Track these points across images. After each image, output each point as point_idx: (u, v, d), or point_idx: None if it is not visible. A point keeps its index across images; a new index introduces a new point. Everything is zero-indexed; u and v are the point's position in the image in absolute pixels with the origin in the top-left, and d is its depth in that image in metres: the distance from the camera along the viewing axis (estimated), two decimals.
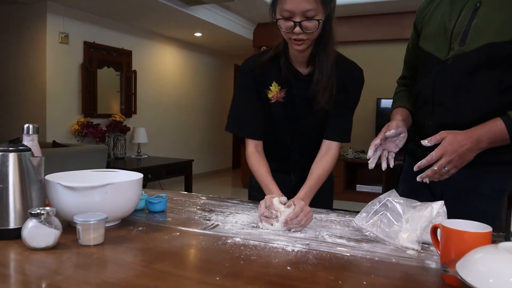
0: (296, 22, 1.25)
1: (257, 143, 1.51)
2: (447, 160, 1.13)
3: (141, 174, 1.28)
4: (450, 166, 1.14)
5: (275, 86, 1.45)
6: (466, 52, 1.22)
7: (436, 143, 1.16)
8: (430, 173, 1.16)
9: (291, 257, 0.95)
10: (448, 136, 1.14)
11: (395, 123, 1.27)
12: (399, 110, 1.43)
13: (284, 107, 1.46)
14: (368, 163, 1.28)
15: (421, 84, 1.38)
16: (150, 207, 1.37)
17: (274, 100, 1.46)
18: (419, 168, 1.17)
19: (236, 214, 1.34)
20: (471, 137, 1.14)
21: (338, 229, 1.19)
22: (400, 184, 1.51)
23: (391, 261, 0.93)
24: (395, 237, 1.05)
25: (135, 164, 5.19)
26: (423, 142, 1.17)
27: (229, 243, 1.04)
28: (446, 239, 0.80)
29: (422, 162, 1.15)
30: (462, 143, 1.14)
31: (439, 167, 1.14)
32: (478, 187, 1.27)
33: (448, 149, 1.13)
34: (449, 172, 1.15)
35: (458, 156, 1.13)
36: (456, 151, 1.13)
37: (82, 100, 5.15)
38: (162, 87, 6.64)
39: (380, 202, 1.11)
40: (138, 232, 1.13)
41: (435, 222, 1.02)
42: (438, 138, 1.15)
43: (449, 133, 1.15)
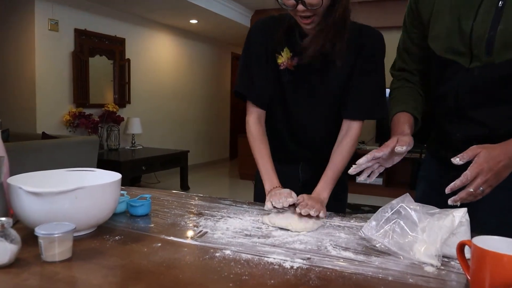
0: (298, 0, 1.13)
1: (260, 113, 1.38)
2: (483, 179, 0.98)
3: (119, 174, 1.13)
4: (485, 186, 1.00)
5: (286, 52, 1.31)
6: (496, 63, 1.07)
7: (469, 160, 1.01)
8: (465, 195, 1.00)
9: (290, 276, 0.80)
10: (482, 152, 0.99)
11: (407, 139, 1.10)
12: (405, 117, 1.23)
13: (294, 76, 1.33)
14: (352, 167, 1.11)
15: (440, 90, 1.22)
16: (132, 210, 1.22)
17: (283, 66, 1.33)
18: (452, 191, 1.01)
19: (227, 219, 1.20)
20: (507, 152, 1.00)
21: (343, 237, 1.04)
22: (419, 182, 1.36)
23: (407, 281, 0.79)
24: (409, 250, 0.90)
25: (130, 156, 5.04)
26: (454, 160, 1.01)
27: (217, 257, 0.90)
28: (479, 262, 0.66)
29: (456, 184, 1.00)
30: (498, 159, 0.99)
31: (475, 189, 0.99)
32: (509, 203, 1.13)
33: (484, 168, 0.98)
34: (483, 192, 1.01)
35: (494, 174, 0.99)
36: (492, 169, 0.98)
37: (74, 89, 4.97)
38: (157, 76, 6.46)
39: (392, 208, 0.96)
40: (114, 242, 0.99)
41: (457, 233, 0.88)
42: (470, 155, 1.00)
43: (483, 148, 1.00)
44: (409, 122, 1.21)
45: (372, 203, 5.10)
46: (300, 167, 1.49)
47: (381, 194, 5.51)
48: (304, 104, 1.37)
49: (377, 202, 5.16)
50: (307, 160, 1.48)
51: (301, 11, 1.16)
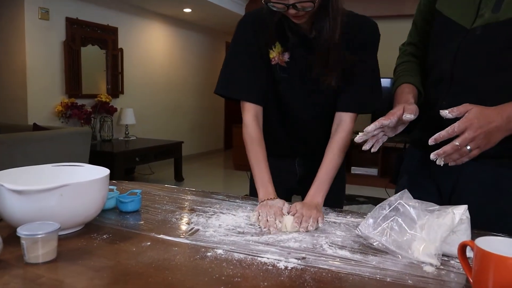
0: (288, 4, 1.07)
1: (257, 110, 1.29)
2: (472, 135, 0.92)
3: (108, 170, 1.10)
4: (473, 145, 0.94)
5: (278, 47, 1.26)
6: (501, 21, 1.02)
7: (458, 116, 0.95)
8: (450, 149, 0.94)
9: (284, 278, 0.77)
10: (474, 109, 0.95)
11: (414, 107, 1.06)
12: (410, 88, 1.20)
13: (287, 72, 1.27)
14: (358, 135, 1.06)
15: (436, 56, 1.17)
16: (121, 206, 1.19)
17: (274, 62, 1.27)
18: (436, 142, 0.95)
19: (220, 215, 1.16)
20: (502, 113, 0.95)
21: (339, 235, 1.01)
22: (401, 176, 1.32)
23: (406, 283, 0.75)
24: (408, 248, 0.87)
25: (123, 147, 4.98)
26: (443, 112, 0.96)
27: (208, 257, 0.86)
28: (482, 265, 0.62)
29: (442, 134, 0.94)
30: (491, 118, 0.94)
31: (461, 143, 0.93)
32: (498, 184, 1.09)
33: (473, 123, 0.93)
34: (470, 153, 0.95)
35: (484, 133, 0.93)
36: (483, 126, 0.93)
37: (66, 80, 4.88)
38: (150, 66, 6.37)
39: (390, 205, 0.93)
40: (102, 241, 0.95)
41: (457, 231, 0.84)
42: (461, 110, 0.95)
43: (475, 106, 0.95)
44: (413, 93, 1.17)
45: (367, 194, 5.09)
46: (297, 162, 1.46)
47: (376, 184, 5.50)
48: (298, 100, 1.32)
49: (372, 193, 5.16)
50: (303, 155, 1.44)
51: (292, 14, 1.11)
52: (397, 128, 1.10)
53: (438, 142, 0.96)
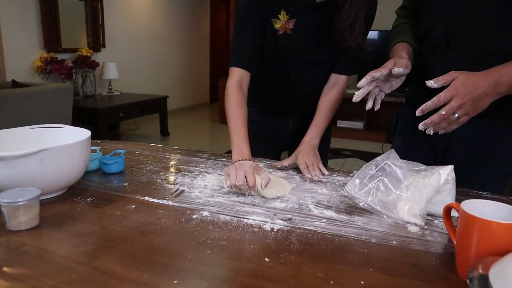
0: None
1: (242, 75, 1.26)
2: (458, 103, 0.92)
3: (89, 131, 1.06)
4: (461, 112, 0.93)
5: (283, 15, 1.23)
6: None
7: (445, 85, 0.94)
8: (437, 119, 0.94)
9: (270, 240, 0.77)
10: (460, 76, 0.93)
11: (405, 61, 1.05)
12: (404, 46, 1.19)
13: (291, 41, 1.26)
14: (355, 94, 1.04)
15: (430, 21, 1.15)
16: (105, 168, 1.16)
17: (281, 31, 1.25)
18: (423, 112, 0.95)
19: (206, 175, 1.15)
20: (489, 78, 0.93)
21: (325, 194, 1.01)
22: (396, 137, 1.32)
23: (391, 243, 0.76)
24: (393, 208, 0.88)
25: (107, 102, 4.88)
26: (428, 82, 0.95)
27: (194, 219, 0.86)
28: (466, 228, 0.63)
29: (428, 104, 0.94)
30: (478, 84, 0.92)
31: (447, 112, 0.92)
32: (490, 143, 1.09)
33: (460, 90, 0.92)
34: (459, 120, 0.94)
35: (471, 100, 0.92)
36: (469, 93, 0.92)
37: (43, 33, 4.68)
38: (133, 17, 6.14)
39: (377, 165, 0.92)
40: (86, 205, 0.94)
41: (442, 191, 0.85)
42: (447, 79, 0.94)
43: (461, 73, 0.94)
44: (407, 50, 1.17)
45: (353, 147, 5.14)
46: (290, 117, 1.48)
47: (362, 138, 5.54)
48: (300, 66, 1.33)
49: (358, 146, 5.20)
50: (296, 111, 1.47)
51: None
52: (392, 83, 1.09)
53: (425, 112, 0.95)
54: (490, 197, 1.03)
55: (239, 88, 1.25)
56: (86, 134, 1.04)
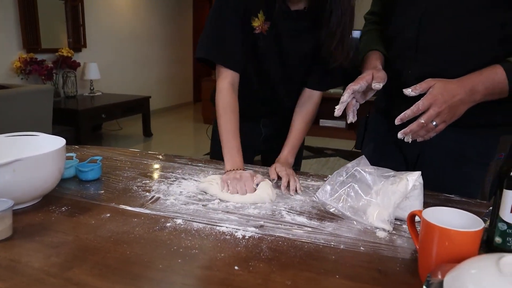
0: None
1: (234, 77, 1.23)
2: (437, 111, 0.94)
3: (64, 140, 1.06)
4: (438, 120, 0.96)
5: (261, 15, 1.22)
6: None
7: (422, 93, 0.97)
8: (415, 127, 0.96)
9: (241, 248, 0.78)
10: (437, 84, 0.96)
11: (382, 74, 1.07)
12: (377, 54, 1.20)
13: (267, 42, 1.25)
14: (336, 109, 1.06)
15: (400, 24, 1.16)
16: (81, 175, 1.17)
17: (258, 30, 1.23)
18: (402, 121, 0.98)
19: (182, 181, 1.16)
20: (465, 86, 0.96)
21: (298, 200, 1.03)
22: (366, 144, 1.34)
23: (359, 249, 0.79)
24: (363, 214, 0.90)
25: (88, 103, 4.84)
26: (406, 91, 0.98)
27: (167, 228, 0.87)
28: (427, 236, 0.65)
29: (407, 113, 0.96)
30: (454, 92, 0.95)
31: (426, 120, 0.95)
32: (462, 151, 1.12)
33: (437, 99, 0.94)
34: (437, 128, 0.97)
35: (448, 108, 0.95)
36: (447, 101, 0.94)
37: (22, 33, 4.61)
38: (114, 17, 6.09)
39: (347, 172, 0.95)
40: (60, 214, 0.94)
41: (410, 196, 0.87)
42: (424, 87, 0.97)
43: (438, 81, 0.97)
44: (380, 59, 1.19)
45: (335, 146, 5.19)
46: (262, 123, 1.48)
47: (344, 136, 5.59)
48: (275, 68, 1.31)
49: (340, 145, 5.25)
50: (268, 116, 1.46)
51: None
52: (367, 94, 1.11)
53: (404, 121, 0.97)
54: (458, 200, 1.06)
55: (232, 91, 1.22)
56: (61, 142, 1.04)
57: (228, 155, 1.15)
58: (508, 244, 0.74)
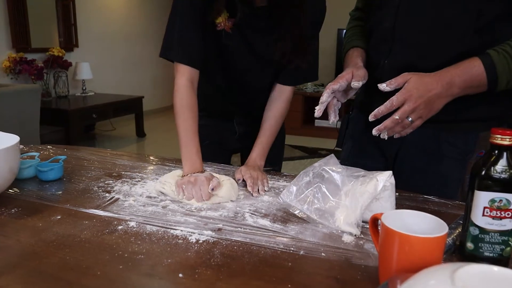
0: None
1: (192, 74, 1.15)
2: (412, 107, 0.89)
3: (17, 137, 1.00)
4: (414, 116, 0.90)
5: (224, 12, 1.14)
6: None
7: (398, 88, 0.91)
8: (390, 123, 0.91)
9: (191, 253, 0.72)
10: (412, 78, 0.90)
11: (362, 72, 1.02)
12: (359, 51, 1.16)
13: (232, 40, 1.18)
14: (316, 110, 1.02)
15: (377, 17, 1.11)
16: (41, 175, 1.10)
17: (220, 27, 1.16)
18: (376, 118, 0.92)
19: (147, 181, 1.10)
20: (441, 80, 0.90)
21: (265, 202, 0.97)
22: (345, 142, 1.28)
23: (319, 255, 0.72)
24: (330, 217, 0.84)
25: (79, 103, 4.78)
26: (381, 86, 0.93)
27: (118, 231, 0.81)
28: (387, 242, 0.59)
29: (380, 109, 0.91)
30: (430, 86, 0.89)
31: (401, 116, 0.89)
32: (440, 148, 1.06)
33: (412, 93, 0.89)
34: (413, 124, 0.91)
35: (424, 103, 0.89)
36: (422, 96, 0.89)
37: (11, 32, 4.55)
38: (106, 16, 6.02)
39: (314, 172, 0.88)
40: (8, 217, 0.88)
41: (380, 198, 0.81)
42: (400, 81, 0.91)
43: (414, 74, 0.91)
44: (361, 56, 1.14)
45: (330, 147, 5.12)
46: (235, 121, 1.41)
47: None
48: (241, 66, 1.25)
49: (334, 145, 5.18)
50: (241, 114, 1.40)
51: None
52: (348, 93, 1.06)
53: (379, 117, 0.92)
54: (436, 201, 1.00)
55: (191, 87, 1.15)
56: (12, 141, 0.98)
57: (186, 157, 1.08)
58: (480, 250, 0.68)
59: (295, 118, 5.54)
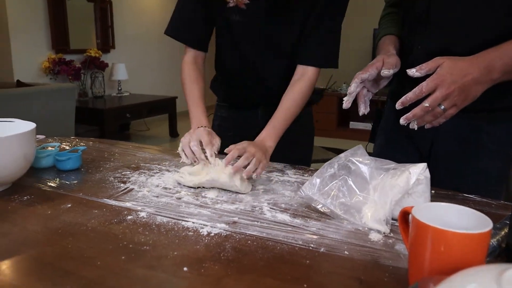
0: None
1: (197, 53, 1.25)
2: (444, 93, 0.79)
3: (34, 124, 0.98)
4: (447, 104, 0.81)
5: None
6: None
7: (429, 74, 0.82)
8: (419, 112, 0.82)
9: (200, 246, 0.66)
10: (446, 62, 0.81)
11: (394, 60, 0.93)
12: (392, 39, 1.08)
13: (245, 17, 1.14)
14: (344, 101, 0.94)
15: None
16: (58, 165, 1.08)
17: (233, 3, 1.12)
18: (403, 105, 0.83)
19: (164, 173, 1.05)
20: (479, 64, 0.81)
21: (286, 196, 0.90)
22: (378, 137, 1.19)
23: (341, 254, 0.64)
24: (356, 213, 0.76)
25: (114, 103, 4.85)
26: (410, 71, 0.83)
27: (127, 221, 0.76)
28: (418, 239, 0.51)
29: (409, 96, 0.82)
30: (466, 71, 0.80)
31: (431, 103, 0.80)
32: (478, 140, 0.96)
33: (445, 79, 0.79)
34: (446, 113, 0.82)
35: (459, 89, 0.80)
36: (457, 81, 0.79)
37: (52, 34, 4.68)
38: (142, 18, 6.11)
39: (339, 163, 0.80)
40: (19, 204, 0.85)
41: (413, 193, 0.73)
42: (431, 66, 0.82)
43: (447, 58, 0.82)
44: (394, 43, 1.05)
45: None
46: (259, 114, 1.34)
47: None
48: (257, 49, 1.20)
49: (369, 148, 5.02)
50: (266, 105, 1.33)
51: None
52: (379, 82, 0.98)
53: (407, 105, 0.83)
54: (478, 201, 0.90)
55: (194, 63, 1.23)
56: (28, 127, 0.96)
57: (192, 116, 1.14)
58: None
59: (329, 119, 5.42)
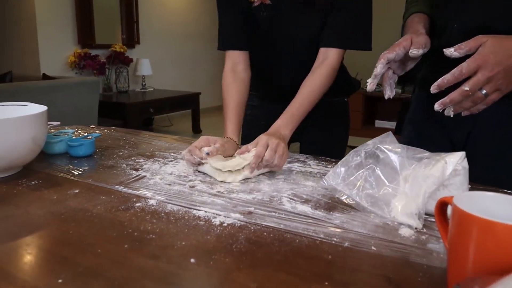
0: None
1: (235, 58, 1.20)
2: (487, 76, 0.71)
3: (44, 107, 0.94)
4: (490, 88, 0.72)
5: None
6: None
7: (469, 54, 0.74)
8: (457, 96, 0.73)
9: (211, 237, 0.60)
10: (489, 41, 0.72)
11: (423, 39, 0.85)
12: (421, 17, 0.98)
13: (271, 12, 1.11)
14: (368, 83, 0.86)
15: None
16: (71, 151, 1.04)
17: (257, 2, 1.10)
18: (440, 89, 0.74)
19: (179, 161, 1.00)
20: None
21: (309, 186, 0.83)
22: (405, 127, 1.11)
23: (368, 249, 0.57)
24: (384, 206, 0.68)
25: (138, 98, 4.86)
26: (447, 51, 0.75)
27: (135, 208, 0.70)
28: (460, 232, 0.43)
29: (446, 78, 0.73)
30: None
31: (472, 87, 0.71)
32: None
33: (488, 59, 0.71)
34: (487, 98, 0.73)
35: (504, 72, 0.71)
36: (502, 63, 0.71)
37: (78, 29, 4.73)
38: (167, 14, 6.11)
39: (366, 151, 0.73)
40: (25, 188, 0.81)
41: (449, 185, 0.65)
42: (472, 45, 0.73)
43: (491, 37, 0.73)
44: (424, 22, 0.96)
45: None
46: None
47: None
48: (285, 40, 1.16)
49: None
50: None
51: None
52: (406, 64, 0.89)
53: (443, 88, 0.75)
54: None
55: (232, 72, 1.20)
56: (39, 109, 0.92)
57: (226, 124, 1.12)
58: None
59: (355, 118, 5.29)
